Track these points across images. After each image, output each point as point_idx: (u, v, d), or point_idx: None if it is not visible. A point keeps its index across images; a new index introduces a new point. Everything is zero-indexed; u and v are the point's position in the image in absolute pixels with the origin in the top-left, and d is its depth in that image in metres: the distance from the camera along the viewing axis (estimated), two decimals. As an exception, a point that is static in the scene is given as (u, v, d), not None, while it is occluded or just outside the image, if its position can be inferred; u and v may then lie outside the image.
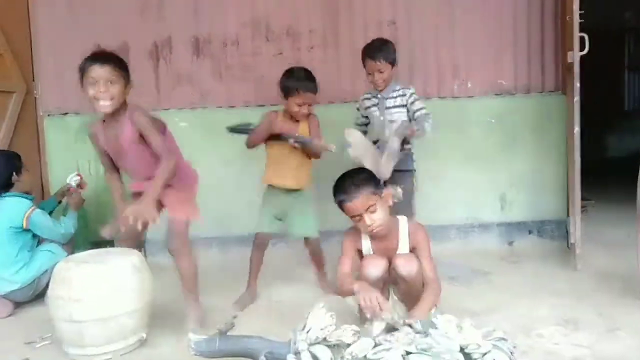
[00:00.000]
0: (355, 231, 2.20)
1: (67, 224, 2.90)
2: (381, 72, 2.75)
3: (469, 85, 3.52)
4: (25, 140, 3.36)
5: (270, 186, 2.72)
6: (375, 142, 2.81)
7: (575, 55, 2.82)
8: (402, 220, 2.21)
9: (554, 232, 3.51)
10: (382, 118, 2.80)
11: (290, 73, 2.69)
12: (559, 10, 3.39)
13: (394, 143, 2.50)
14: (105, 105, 2.11)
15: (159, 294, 2.56)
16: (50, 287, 2.14)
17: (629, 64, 7.50)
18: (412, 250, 2.17)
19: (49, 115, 3.56)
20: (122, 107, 2.18)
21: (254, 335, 1.93)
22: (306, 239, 2.78)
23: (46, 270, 2.65)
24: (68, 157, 3.51)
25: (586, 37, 2.83)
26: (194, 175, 2.45)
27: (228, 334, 1.94)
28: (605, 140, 6.48)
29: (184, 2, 3.53)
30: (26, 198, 2.79)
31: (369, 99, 2.90)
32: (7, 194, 2.75)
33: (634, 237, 2.49)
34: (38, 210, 2.77)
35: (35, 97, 3.47)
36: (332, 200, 2.15)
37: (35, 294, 2.73)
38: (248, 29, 3.52)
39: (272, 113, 2.72)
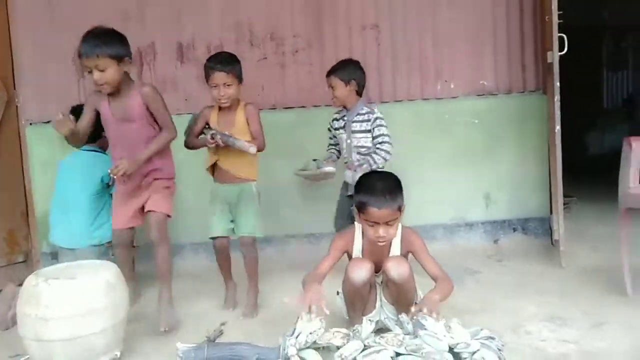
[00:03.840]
0: (349, 233, 2.20)
1: None
2: (332, 88, 2.83)
3: (452, 86, 3.56)
4: (8, 149, 3.30)
5: (216, 182, 2.62)
6: (345, 163, 2.92)
7: (554, 55, 2.87)
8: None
9: (537, 229, 3.55)
10: (348, 141, 2.86)
11: (209, 58, 2.61)
12: (538, 10, 3.45)
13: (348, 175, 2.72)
14: (104, 89, 2.27)
15: (142, 305, 2.57)
16: (18, 303, 2.02)
17: (607, 63, 7.65)
18: (405, 255, 2.16)
19: (31, 123, 3.51)
20: (126, 82, 2.32)
21: (242, 342, 1.93)
22: (241, 238, 2.60)
23: None
24: (51, 165, 3.46)
25: (565, 37, 2.88)
26: (173, 171, 2.55)
27: (217, 341, 1.94)
28: (586, 138, 6.59)
29: (165, 8, 3.51)
30: (103, 153, 2.84)
31: (337, 119, 2.97)
32: (85, 147, 2.78)
33: (617, 233, 2.54)
34: None
35: (16, 106, 3.42)
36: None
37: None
38: (232, 34, 3.52)
39: (206, 109, 2.63)
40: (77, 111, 2.96)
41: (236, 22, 3.52)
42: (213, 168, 2.63)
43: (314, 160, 2.87)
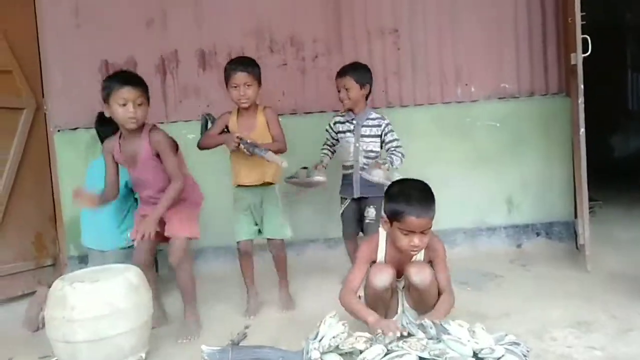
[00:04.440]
0: (373, 241, 2.18)
1: None
2: (346, 89, 2.80)
3: (473, 89, 3.54)
4: (36, 156, 3.39)
5: (239, 187, 2.65)
6: (349, 167, 2.89)
7: (578, 57, 2.83)
8: None
9: (562, 233, 3.50)
10: (357, 145, 2.84)
11: (229, 61, 2.64)
12: (560, 11, 3.42)
13: (379, 174, 2.61)
14: (136, 123, 2.33)
15: (167, 308, 2.60)
16: (46, 306, 2.10)
17: (631, 64, 7.49)
18: (428, 261, 2.15)
19: (59, 130, 3.59)
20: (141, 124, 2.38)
21: (266, 346, 1.95)
22: (269, 240, 2.66)
23: None
24: (79, 171, 3.54)
25: (589, 38, 2.84)
26: (200, 196, 2.59)
27: (240, 344, 1.96)
28: (611, 140, 6.46)
29: (187, 16, 3.57)
30: None
31: (342, 122, 2.93)
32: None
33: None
34: None
35: (45, 113, 3.50)
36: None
37: None
38: (252, 40, 3.56)
39: (225, 114, 2.66)
40: (103, 118, 3.04)
41: (256, 29, 3.57)
42: (236, 172, 2.66)
43: (304, 168, 2.79)
